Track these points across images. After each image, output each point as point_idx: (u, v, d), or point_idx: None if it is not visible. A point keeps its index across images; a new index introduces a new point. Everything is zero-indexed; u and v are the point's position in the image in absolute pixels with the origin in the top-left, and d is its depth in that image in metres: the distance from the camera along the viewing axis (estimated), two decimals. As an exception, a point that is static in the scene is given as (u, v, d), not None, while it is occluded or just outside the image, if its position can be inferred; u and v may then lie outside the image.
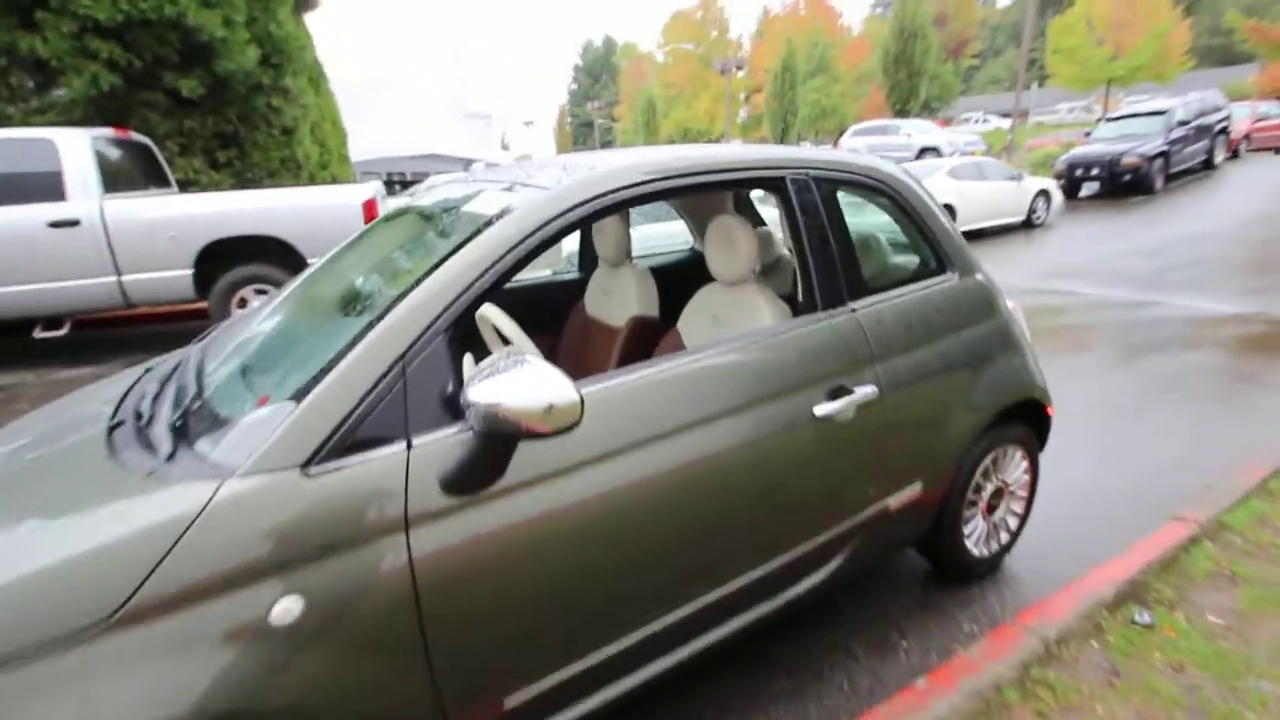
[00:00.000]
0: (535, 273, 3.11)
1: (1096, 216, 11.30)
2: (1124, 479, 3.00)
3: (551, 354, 2.79)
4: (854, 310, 1.79)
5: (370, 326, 1.22)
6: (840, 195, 1.85)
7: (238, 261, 5.78)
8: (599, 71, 73.07)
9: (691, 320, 2.15)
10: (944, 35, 38.65)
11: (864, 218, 2.33)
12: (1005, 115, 32.15)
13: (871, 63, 36.63)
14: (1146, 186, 12.18)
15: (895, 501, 1.89)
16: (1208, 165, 13.83)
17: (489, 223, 1.39)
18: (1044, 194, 11.05)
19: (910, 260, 2.16)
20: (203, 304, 5.90)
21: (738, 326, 1.95)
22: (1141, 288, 6.64)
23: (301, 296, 1.80)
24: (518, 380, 1.08)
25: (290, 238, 5.80)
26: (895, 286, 1.95)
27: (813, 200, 1.76)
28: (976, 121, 35.90)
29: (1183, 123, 12.89)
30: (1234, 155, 14.73)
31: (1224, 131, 14.01)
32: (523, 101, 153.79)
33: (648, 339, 2.46)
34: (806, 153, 1.82)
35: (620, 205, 1.49)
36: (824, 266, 1.75)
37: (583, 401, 1.11)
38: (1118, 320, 5.69)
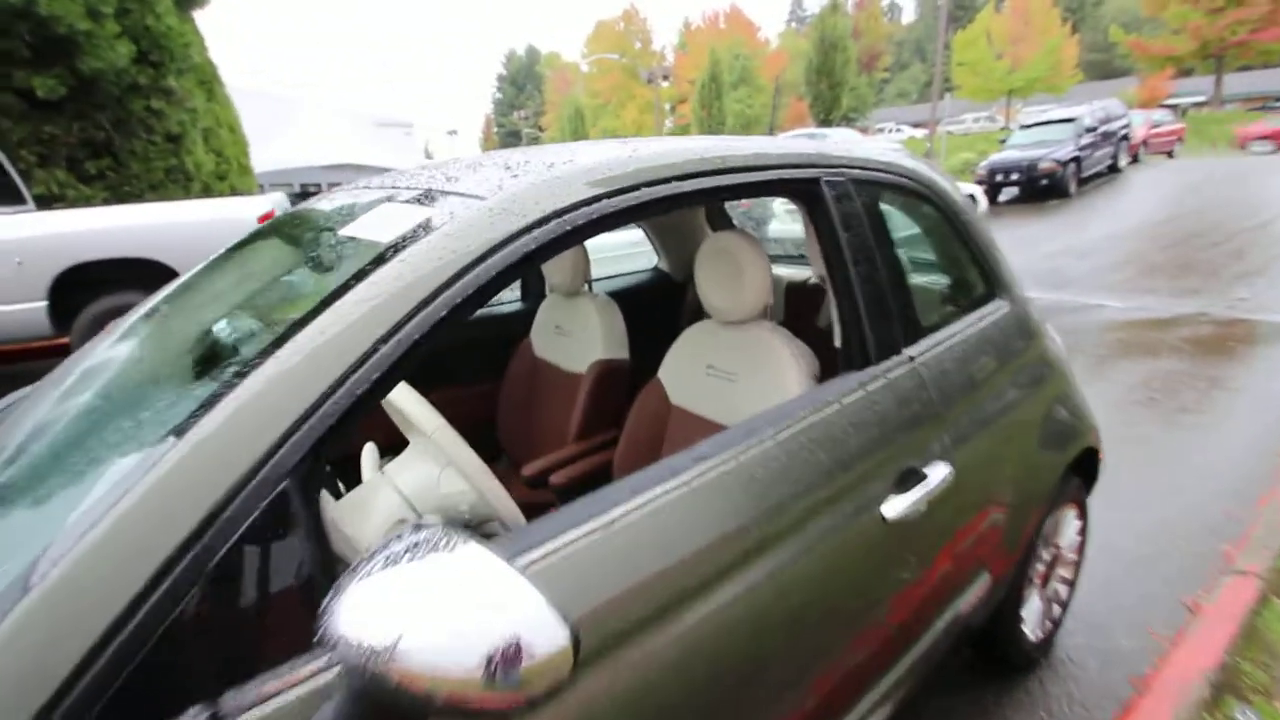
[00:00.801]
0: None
1: (1021, 220, 11.60)
2: (1140, 511, 2.70)
3: (487, 410, 2.22)
4: (913, 360, 1.33)
5: (148, 466, 0.63)
6: (880, 205, 1.39)
7: (106, 289, 4.86)
8: (523, 81, 71.99)
9: (680, 370, 1.64)
10: (858, 49, 40.16)
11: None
12: (917, 125, 33.60)
13: (792, 74, 37.55)
14: (1062, 190, 12.66)
15: (965, 604, 1.44)
16: (1113, 169, 14.59)
17: (380, 258, 0.83)
18: (971, 198, 11.21)
19: (943, 282, 1.73)
20: (65, 340, 4.95)
21: (750, 383, 1.45)
22: (1084, 290, 6.66)
23: (95, 370, 1.14)
24: (441, 596, 0.53)
25: (170, 260, 4.92)
26: (948, 322, 1.50)
27: (855, 211, 1.29)
28: (891, 131, 37.45)
29: (1090, 129, 13.52)
30: (1134, 159, 15.64)
31: (1126, 137, 14.83)
32: (447, 111, 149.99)
33: (617, 388, 1.94)
34: (841, 150, 1.34)
35: (599, 225, 0.95)
36: (875, 301, 1.28)
37: (577, 643, 0.56)
38: (1073, 325, 5.60)
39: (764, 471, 1.04)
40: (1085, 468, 1.91)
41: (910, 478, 1.22)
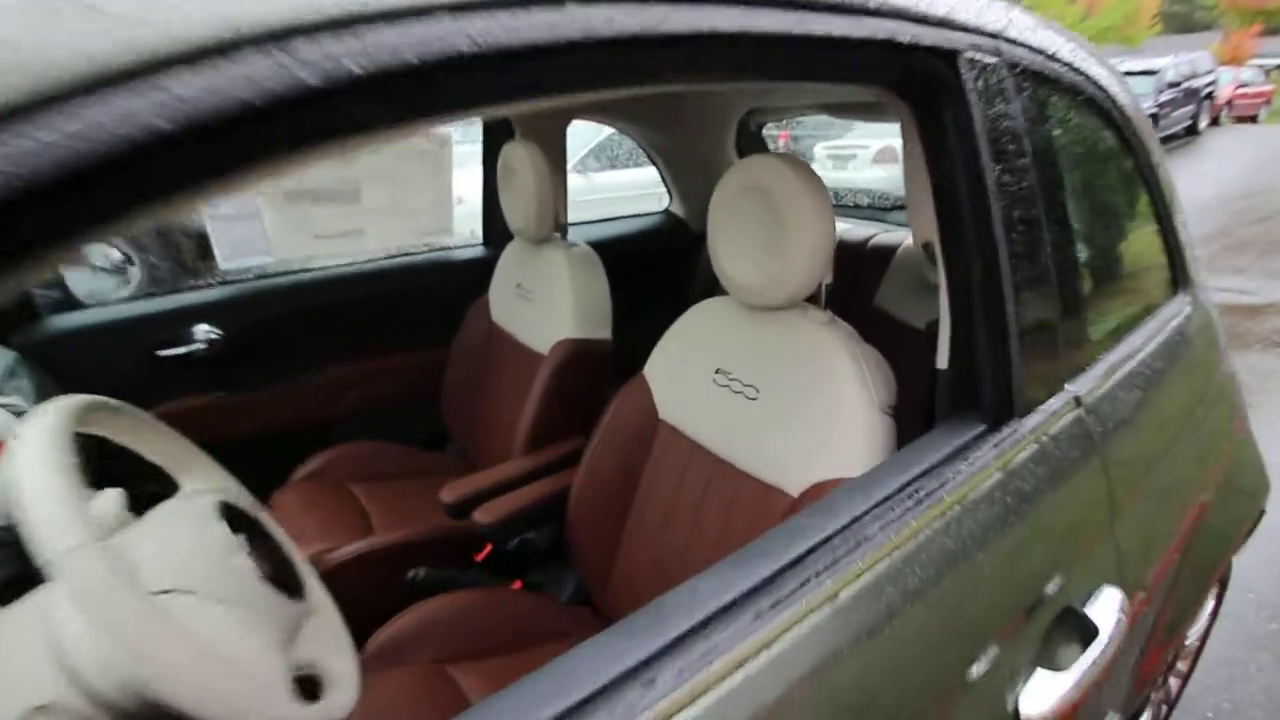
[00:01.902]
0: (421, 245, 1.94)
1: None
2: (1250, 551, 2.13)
3: (432, 387, 1.68)
4: (1079, 404, 0.75)
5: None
6: (1049, 120, 0.78)
7: None
8: None
9: (675, 371, 1.08)
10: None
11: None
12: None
13: None
14: (1133, 151, 11.50)
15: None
16: (1191, 131, 13.21)
17: None
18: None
19: (1109, 262, 1.11)
20: None
21: (782, 405, 0.89)
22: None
23: None
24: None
25: None
26: (1120, 333, 0.91)
27: (1013, 123, 0.68)
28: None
29: (1173, 84, 12.16)
30: (1214, 122, 14.21)
31: (1210, 96, 13.38)
32: None
33: (590, 381, 1.38)
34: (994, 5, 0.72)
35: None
36: (1032, 294, 0.69)
37: None
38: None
39: (812, 648, 0.49)
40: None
41: (1066, 629, 0.66)
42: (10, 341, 1.24)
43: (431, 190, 1.52)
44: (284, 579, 0.64)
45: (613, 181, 4.75)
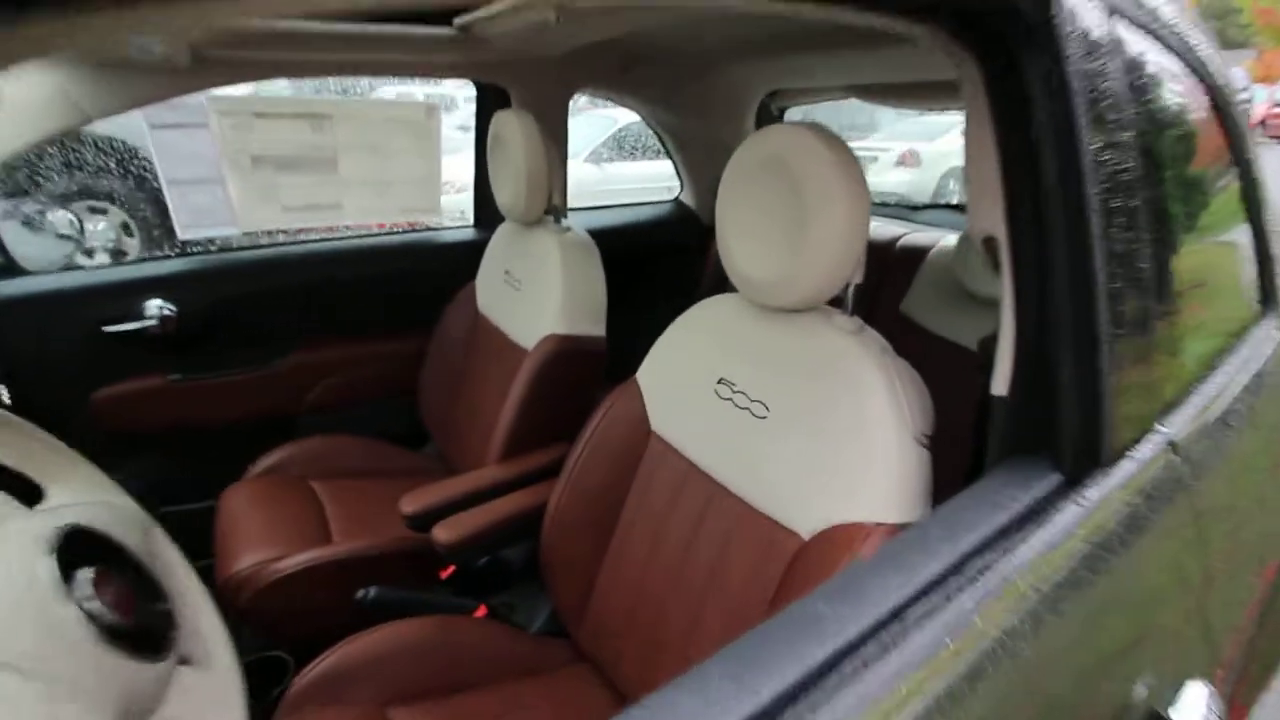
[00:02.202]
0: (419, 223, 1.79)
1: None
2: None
3: (411, 380, 1.54)
4: (1174, 446, 0.59)
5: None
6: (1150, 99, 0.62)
7: None
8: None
9: (672, 377, 0.93)
10: None
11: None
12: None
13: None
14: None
15: None
16: (1222, 150, 12.92)
17: None
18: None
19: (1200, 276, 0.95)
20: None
21: (797, 428, 0.74)
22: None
23: None
24: None
25: None
26: (1210, 362, 0.75)
27: (1112, 75, 0.53)
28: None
29: (1206, 100, 11.86)
30: (1246, 141, 13.84)
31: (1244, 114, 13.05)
32: None
33: (577, 384, 1.24)
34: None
35: None
36: (1127, 302, 0.54)
37: None
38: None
39: None
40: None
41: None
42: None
43: (418, 164, 1.38)
44: (144, 628, 0.49)
45: (627, 173, 4.61)
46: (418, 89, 4.57)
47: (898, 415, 0.67)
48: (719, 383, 0.85)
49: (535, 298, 1.25)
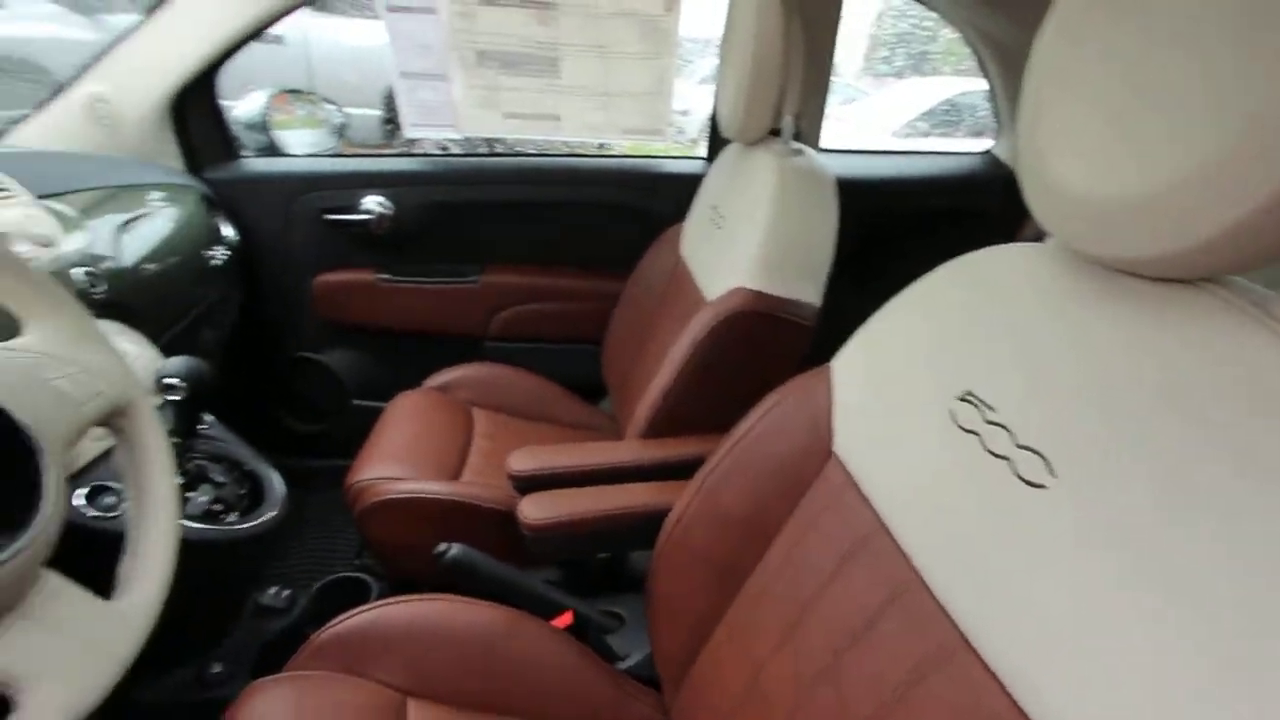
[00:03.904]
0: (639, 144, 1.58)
1: None
2: None
3: (604, 322, 1.36)
4: None
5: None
6: None
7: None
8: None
9: (880, 377, 0.56)
10: None
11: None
12: None
13: None
14: None
15: None
16: None
17: None
18: None
19: None
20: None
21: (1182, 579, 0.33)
22: None
23: None
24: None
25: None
26: None
27: None
28: None
29: None
30: None
31: None
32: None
33: (762, 361, 0.91)
34: None
35: None
36: None
37: None
38: None
39: None
40: None
41: None
42: (203, 176, 1.24)
43: (648, 73, 1.15)
44: None
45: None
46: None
47: None
48: (962, 399, 0.46)
49: (734, 237, 0.94)
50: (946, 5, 1.32)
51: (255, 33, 1.13)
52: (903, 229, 1.40)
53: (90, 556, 0.49)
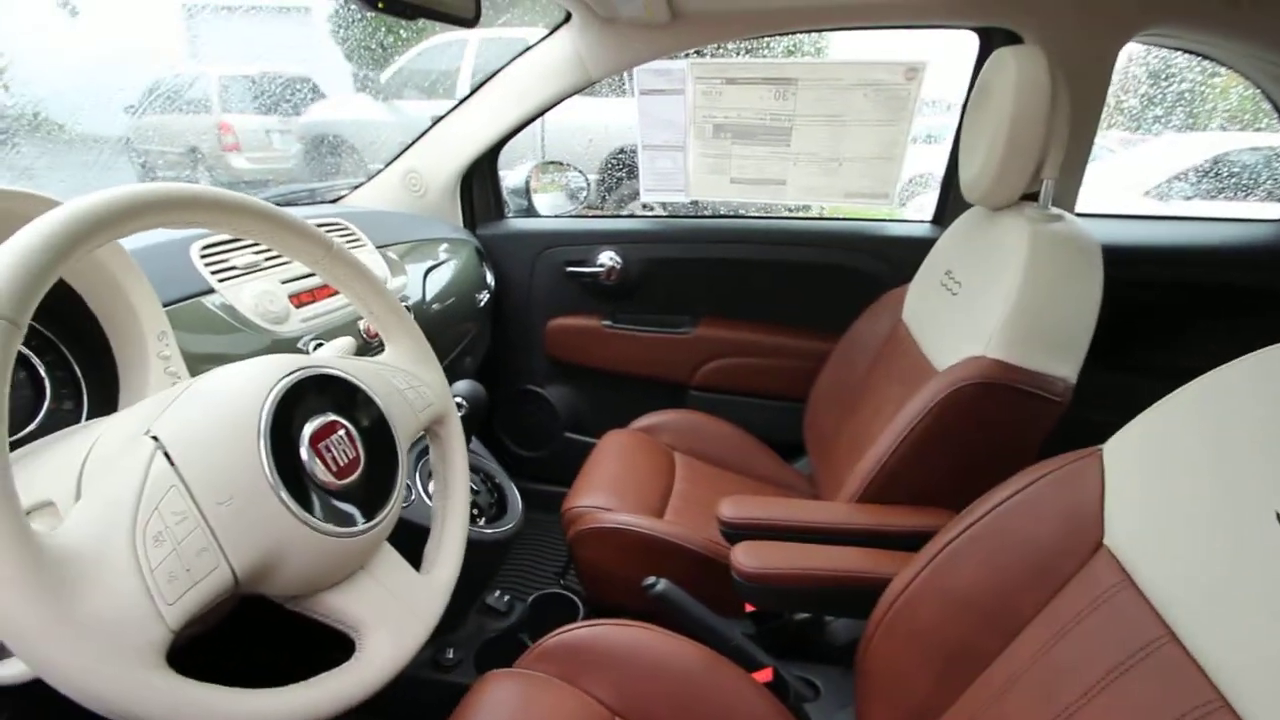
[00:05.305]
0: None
1: None
2: None
3: (806, 382, 1.36)
4: None
5: None
6: None
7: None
8: None
9: (1172, 471, 0.50)
10: None
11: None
12: None
13: None
14: None
15: None
16: None
17: None
18: None
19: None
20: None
21: None
22: None
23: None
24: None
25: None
26: None
27: None
28: None
29: None
30: None
31: None
32: None
33: (1000, 435, 0.84)
34: None
35: None
36: None
37: None
38: None
39: None
40: None
41: None
42: (477, 232, 1.48)
43: (880, 138, 1.17)
44: (353, 494, 0.46)
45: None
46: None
47: None
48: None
49: (974, 304, 0.90)
50: (1241, 55, 1.16)
51: (532, 118, 1.34)
52: (1167, 303, 1.23)
53: (392, 538, 0.60)
